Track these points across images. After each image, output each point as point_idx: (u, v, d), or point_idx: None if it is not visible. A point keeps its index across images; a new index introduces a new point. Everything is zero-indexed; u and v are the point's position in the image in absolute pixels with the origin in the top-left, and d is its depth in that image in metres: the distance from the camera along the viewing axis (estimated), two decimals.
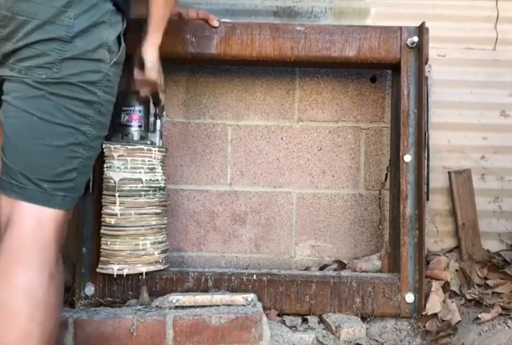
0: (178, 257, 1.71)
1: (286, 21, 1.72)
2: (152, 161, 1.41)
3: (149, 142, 1.44)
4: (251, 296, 1.39)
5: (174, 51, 1.48)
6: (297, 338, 1.41)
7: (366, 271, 1.60)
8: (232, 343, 1.31)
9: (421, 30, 1.49)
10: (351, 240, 1.72)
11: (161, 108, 1.49)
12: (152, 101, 1.46)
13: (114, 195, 1.37)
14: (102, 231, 1.40)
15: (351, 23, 1.69)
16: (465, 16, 1.74)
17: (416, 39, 1.49)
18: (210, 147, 1.73)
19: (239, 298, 1.39)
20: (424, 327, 1.45)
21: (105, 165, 1.39)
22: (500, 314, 1.44)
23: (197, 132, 1.73)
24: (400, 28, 1.52)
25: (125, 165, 1.37)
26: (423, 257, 1.46)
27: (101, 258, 1.40)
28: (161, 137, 1.50)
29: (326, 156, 1.73)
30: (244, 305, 1.38)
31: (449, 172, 1.70)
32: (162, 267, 1.43)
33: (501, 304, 1.46)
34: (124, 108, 1.43)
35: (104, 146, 1.37)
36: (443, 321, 1.44)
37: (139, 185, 1.38)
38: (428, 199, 1.61)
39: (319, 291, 1.48)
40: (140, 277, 1.45)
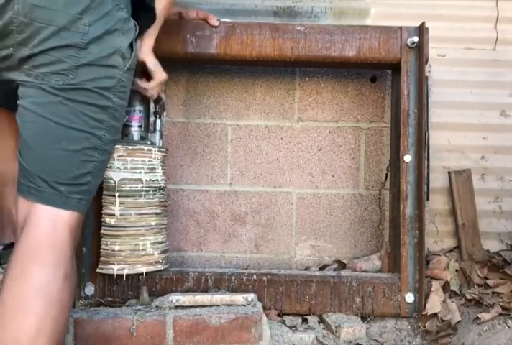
0: (178, 257, 1.71)
1: (286, 21, 1.72)
2: (152, 161, 1.40)
3: (149, 142, 1.44)
4: (251, 296, 1.39)
5: (174, 51, 1.48)
6: (297, 338, 1.41)
7: (366, 271, 1.60)
8: (232, 343, 1.31)
9: (421, 30, 1.49)
10: (351, 240, 1.72)
11: (162, 106, 1.49)
12: (153, 100, 1.46)
13: (114, 196, 1.37)
14: (102, 231, 1.40)
15: (351, 23, 1.69)
16: (465, 16, 1.73)
17: (416, 39, 1.49)
18: (210, 147, 1.73)
19: (239, 298, 1.38)
20: (424, 327, 1.45)
21: None
22: (500, 314, 1.44)
23: (197, 132, 1.73)
24: (400, 28, 1.51)
25: (125, 165, 1.37)
26: (423, 257, 1.46)
27: (101, 258, 1.40)
28: (161, 137, 1.50)
29: (326, 156, 1.73)
30: (244, 305, 1.37)
31: (449, 172, 1.70)
32: (162, 267, 1.43)
33: (501, 304, 1.46)
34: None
35: None
36: (443, 321, 1.44)
37: (139, 185, 1.38)
38: (428, 199, 1.62)
39: (319, 291, 1.48)
40: (140, 277, 1.45)
